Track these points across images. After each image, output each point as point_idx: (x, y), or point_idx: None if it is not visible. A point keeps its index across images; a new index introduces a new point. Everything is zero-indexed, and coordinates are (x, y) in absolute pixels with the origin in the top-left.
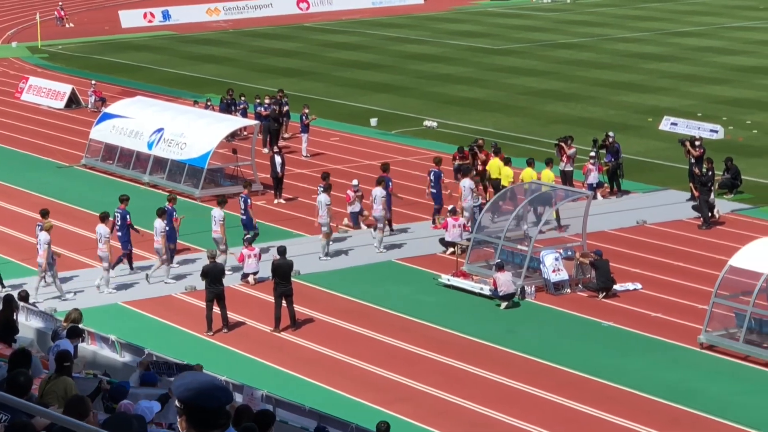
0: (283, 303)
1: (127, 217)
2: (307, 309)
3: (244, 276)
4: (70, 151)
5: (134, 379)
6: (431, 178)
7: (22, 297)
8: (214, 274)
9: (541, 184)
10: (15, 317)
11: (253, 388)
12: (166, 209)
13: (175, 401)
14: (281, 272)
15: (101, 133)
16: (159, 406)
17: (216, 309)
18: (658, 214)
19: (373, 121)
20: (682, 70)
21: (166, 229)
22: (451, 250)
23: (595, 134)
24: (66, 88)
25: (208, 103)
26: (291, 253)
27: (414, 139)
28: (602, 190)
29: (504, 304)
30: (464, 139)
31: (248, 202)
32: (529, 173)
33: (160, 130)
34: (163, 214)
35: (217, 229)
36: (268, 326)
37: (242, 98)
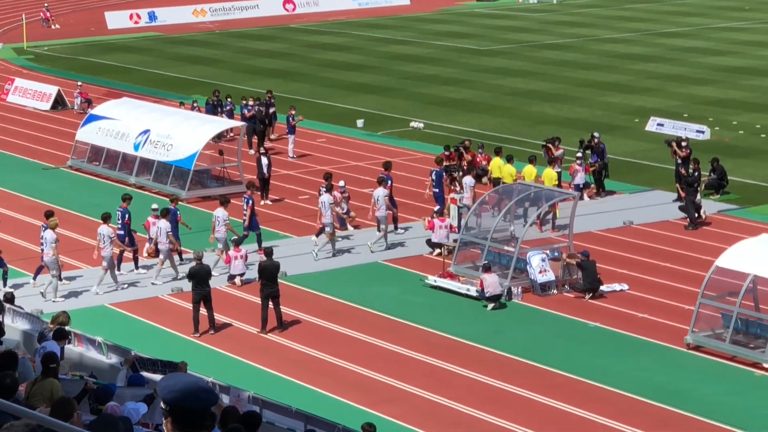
0: (270, 304)
1: (126, 216)
2: (294, 310)
3: (231, 277)
4: (56, 153)
5: (121, 378)
6: (433, 178)
7: (8, 299)
8: (200, 276)
9: (528, 185)
10: (1, 319)
11: (240, 389)
12: (170, 209)
13: (161, 403)
14: (268, 273)
15: (87, 134)
16: (145, 408)
17: (203, 310)
18: (645, 215)
19: (360, 122)
20: (669, 70)
21: (170, 231)
22: (437, 251)
23: (582, 135)
24: (52, 90)
25: (195, 105)
26: (278, 255)
27: (400, 140)
28: (589, 191)
29: (491, 305)
30: (451, 140)
31: (250, 202)
32: (530, 171)
33: (146, 132)
34: (167, 215)
35: (220, 229)
36: (255, 327)
37: (229, 99)
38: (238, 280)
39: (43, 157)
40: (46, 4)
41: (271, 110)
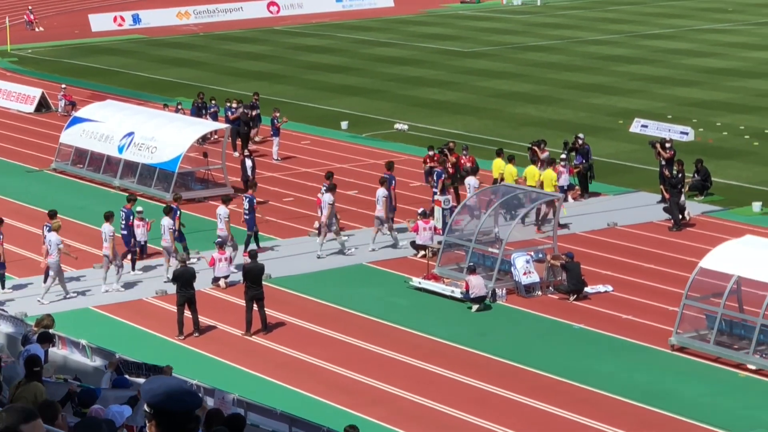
0: (255, 307)
1: (130, 218)
2: (279, 312)
3: (215, 280)
4: (40, 156)
5: (105, 381)
6: (434, 178)
7: None
8: (185, 278)
9: (513, 186)
10: None
11: (225, 392)
12: (173, 208)
13: (144, 406)
14: (252, 276)
15: (71, 137)
16: (129, 410)
17: (187, 313)
18: (629, 217)
19: (344, 124)
20: (653, 72)
21: (173, 228)
22: (422, 253)
23: (566, 136)
24: (36, 92)
25: (179, 107)
26: (262, 257)
27: (385, 142)
28: (573, 193)
29: (475, 307)
30: (435, 141)
31: (253, 202)
32: (533, 171)
33: (130, 134)
34: (170, 213)
35: (222, 227)
36: (240, 330)
37: (213, 102)
38: (222, 283)
39: (27, 160)
40: (30, 7)
41: (254, 113)
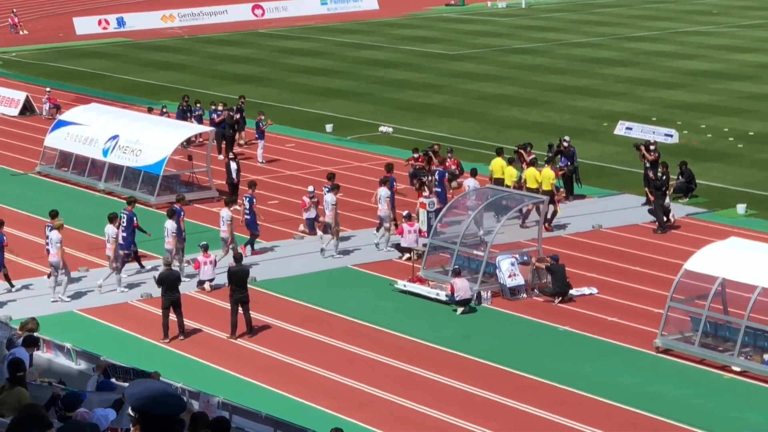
0: (240, 310)
1: (134, 219)
2: (264, 315)
3: (200, 283)
4: (24, 159)
5: (91, 384)
6: (435, 178)
7: None
8: (170, 282)
9: (498, 189)
10: None
11: (210, 395)
12: (175, 209)
13: (128, 409)
14: (237, 279)
15: (56, 140)
16: (114, 414)
17: (172, 316)
18: (614, 219)
19: (329, 127)
20: (637, 74)
21: (176, 230)
22: (407, 255)
23: (551, 139)
24: (20, 96)
25: (164, 110)
26: (248, 260)
27: (369, 145)
28: (558, 195)
29: (460, 310)
30: (420, 144)
31: (253, 202)
32: (532, 172)
33: (115, 137)
34: (173, 215)
35: (224, 229)
36: (225, 333)
37: (198, 105)
38: (207, 286)
39: (11, 163)
40: (14, 10)
41: (238, 116)
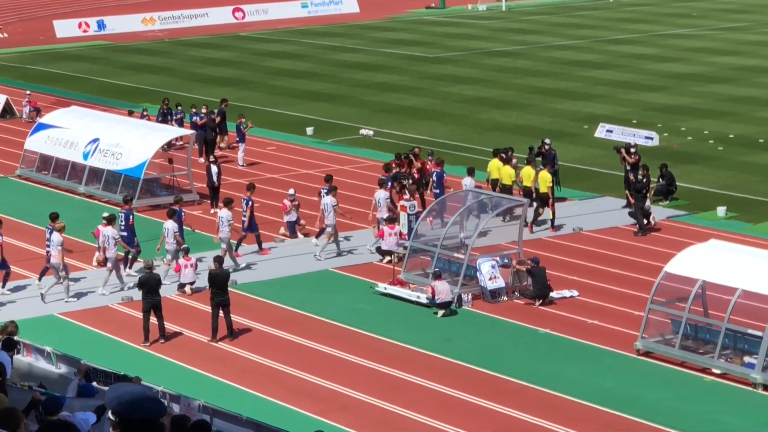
0: (221, 313)
1: (130, 218)
2: (245, 318)
3: (181, 286)
4: (4, 162)
5: (72, 388)
6: (434, 179)
7: None
8: (150, 285)
9: (479, 192)
10: None
11: (190, 398)
12: (176, 210)
13: (109, 413)
14: (218, 282)
15: (36, 143)
16: (95, 418)
17: (153, 319)
18: (594, 222)
19: (310, 130)
20: (618, 77)
21: (178, 230)
22: (387, 258)
23: (532, 142)
24: (0, 99)
25: (144, 113)
26: (228, 263)
27: (350, 148)
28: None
29: (441, 312)
30: (401, 147)
31: (250, 204)
32: (528, 172)
33: (95, 141)
34: (173, 216)
35: (224, 229)
36: (206, 336)
37: (178, 108)
38: (188, 289)
39: None
40: None
41: (218, 119)
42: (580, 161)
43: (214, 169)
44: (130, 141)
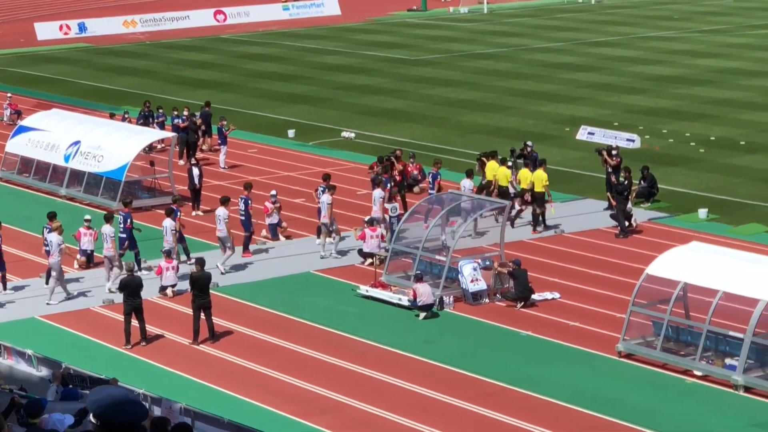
0: (202, 315)
1: (128, 220)
2: (226, 321)
3: (162, 289)
4: None
5: (51, 394)
6: (429, 180)
7: None
8: (131, 287)
9: (459, 194)
10: None
11: (172, 401)
12: (174, 209)
13: (90, 417)
14: (200, 284)
15: (17, 146)
16: (71, 419)
17: (134, 322)
18: (576, 224)
19: (291, 133)
20: (599, 79)
21: (175, 229)
22: (369, 261)
23: (513, 144)
24: None
25: (126, 116)
26: (209, 266)
27: (332, 150)
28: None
29: (423, 315)
30: (382, 149)
31: (248, 203)
32: (525, 175)
33: (76, 143)
34: (171, 214)
35: (221, 228)
36: (187, 339)
37: (160, 110)
38: (169, 291)
39: None
40: None
41: (200, 121)
42: (562, 163)
43: (195, 171)
44: (112, 143)
